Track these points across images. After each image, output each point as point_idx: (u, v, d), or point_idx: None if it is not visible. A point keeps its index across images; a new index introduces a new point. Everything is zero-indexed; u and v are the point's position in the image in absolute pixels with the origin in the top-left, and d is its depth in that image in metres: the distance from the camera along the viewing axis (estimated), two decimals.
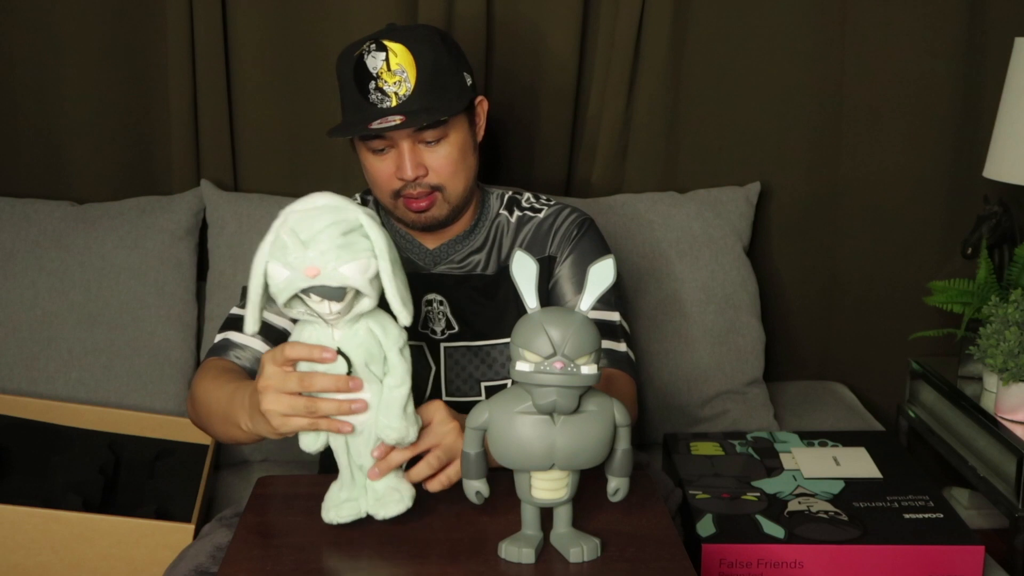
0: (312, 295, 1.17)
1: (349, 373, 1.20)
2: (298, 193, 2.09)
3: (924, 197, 2.30)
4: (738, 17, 2.17)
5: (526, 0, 2.11)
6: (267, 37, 2.10)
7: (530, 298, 1.17)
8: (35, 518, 1.61)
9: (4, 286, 1.98)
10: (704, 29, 2.17)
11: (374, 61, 1.51)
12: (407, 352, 1.23)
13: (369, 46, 1.51)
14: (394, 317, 1.23)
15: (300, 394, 1.22)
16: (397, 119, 1.48)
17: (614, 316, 1.62)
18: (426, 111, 1.50)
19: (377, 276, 1.19)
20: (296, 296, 1.19)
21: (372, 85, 1.50)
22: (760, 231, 2.27)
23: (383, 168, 1.55)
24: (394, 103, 1.50)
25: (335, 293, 1.17)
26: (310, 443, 1.25)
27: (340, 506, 1.25)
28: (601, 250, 1.65)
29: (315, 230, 1.17)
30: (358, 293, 1.18)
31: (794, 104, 2.23)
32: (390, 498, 1.24)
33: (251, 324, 1.22)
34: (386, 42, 1.51)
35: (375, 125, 1.47)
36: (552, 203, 1.70)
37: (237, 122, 2.14)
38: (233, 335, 1.57)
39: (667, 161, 2.23)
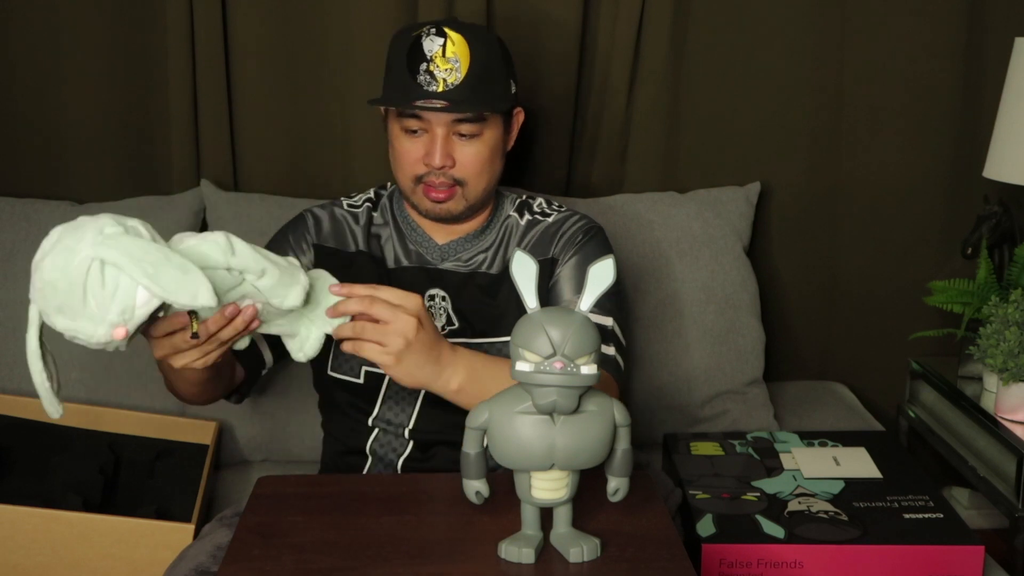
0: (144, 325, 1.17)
1: (194, 331, 1.22)
2: (298, 193, 2.13)
3: (924, 197, 2.30)
4: (738, 17, 2.18)
5: (526, 0, 2.11)
6: (267, 37, 2.10)
7: (530, 298, 1.17)
8: (35, 518, 1.61)
9: (4, 286, 1.98)
10: (704, 29, 2.17)
11: (431, 44, 1.53)
12: (238, 246, 1.21)
13: (429, 29, 1.55)
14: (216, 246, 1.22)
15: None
16: (441, 103, 1.51)
17: (607, 321, 1.63)
18: (470, 103, 1.52)
19: None
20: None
21: (423, 67, 1.53)
22: (760, 231, 2.27)
23: (412, 150, 1.57)
24: (440, 88, 1.52)
25: (154, 317, 1.17)
26: (239, 344, 1.31)
27: (303, 346, 1.33)
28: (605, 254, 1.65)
29: (79, 305, 1.12)
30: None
31: (794, 104, 2.23)
32: (320, 313, 1.32)
33: (53, 410, 1.21)
34: (447, 29, 1.54)
35: (419, 103, 1.51)
36: (563, 209, 1.71)
37: (237, 122, 2.14)
38: None
39: (667, 161, 2.23)
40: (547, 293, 1.65)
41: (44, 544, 1.61)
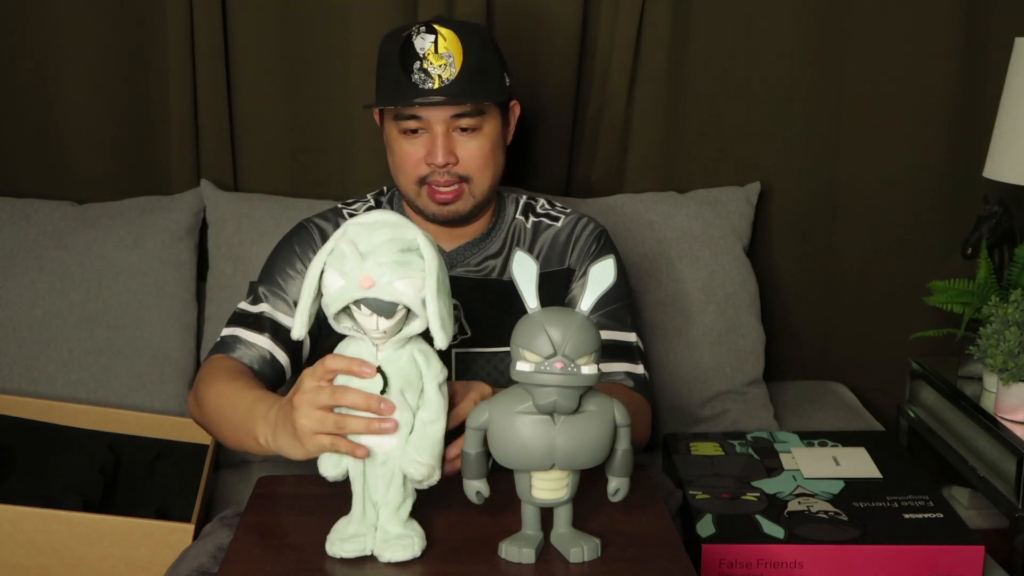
0: (363, 307, 1.15)
1: (384, 391, 1.17)
2: (298, 193, 2.13)
3: (924, 197, 2.30)
4: (738, 17, 2.18)
5: (526, 0, 2.11)
6: (267, 37, 2.10)
7: (530, 298, 1.17)
8: (35, 518, 1.61)
9: (4, 286, 1.98)
10: (704, 29, 2.17)
11: (423, 42, 1.53)
12: (445, 389, 1.20)
13: (419, 28, 1.54)
14: (438, 354, 1.20)
15: (332, 411, 1.19)
16: (439, 98, 1.50)
17: (631, 337, 1.63)
18: (468, 95, 1.52)
19: None
20: (345, 310, 1.18)
21: (417, 65, 1.52)
22: (760, 231, 2.27)
23: (412, 152, 1.55)
24: (436, 85, 1.51)
25: (386, 308, 1.15)
26: (329, 468, 1.21)
27: (346, 541, 1.21)
28: (619, 263, 1.65)
29: (374, 243, 1.16)
30: (409, 314, 1.17)
31: (794, 104, 2.23)
32: (400, 543, 1.20)
33: (298, 328, 1.20)
34: (437, 26, 1.54)
35: (418, 101, 1.50)
36: (568, 211, 1.71)
37: (237, 122, 2.14)
38: (241, 332, 1.56)
39: (667, 161, 2.23)
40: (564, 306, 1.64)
41: (44, 544, 1.61)
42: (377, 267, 1.14)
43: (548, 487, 1.18)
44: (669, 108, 2.19)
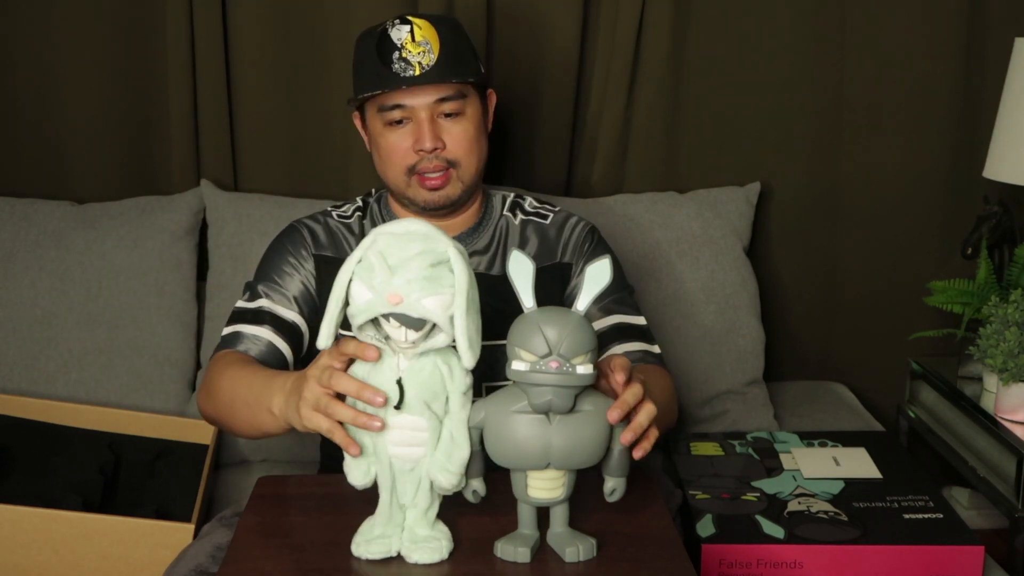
0: (391, 319, 1.14)
1: (399, 407, 1.17)
2: (298, 193, 2.13)
3: (924, 197, 2.30)
4: (738, 17, 2.18)
5: (526, 0, 2.11)
6: (267, 37, 2.10)
7: (527, 297, 1.17)
8: (35, 518, 1.61)
9: (4, 286, 1.98)
10: (704, 29, 2.17)
11: (398, 33, 1.54)
12: (470, 396, 1.20)
13: (392, 21, 1.56)
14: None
15: (334, 395, 1.20)
16: (424, 81, 1.52)
17: (641, 320, 1.63)
18: (452, 75, 1.54)
19: None
20: (371, 320, 1.17)
21: (396, 55, 1.53)
22: (760, 231, 2.27)
23: (399, 142, 1.57)
24: (417, 72, 1.53)
25: (414, 323, 1.14)
26: (359, 477, 1.20)
27: (371, 542, 1.20)
28: (614, 259, 1.66)
29: (404, 257, 1.14)
30: (436, 326, 1.15)
31: (794, 104, 2.23)
32: (428, 545, 1.20)
33: (325, 338, 1.18)
34: (410, 18, 1.56)
35: (404, 86, 1.51)
36: (556, 209, 1.71)
37: (237, 122, 2.14)
38: (242, 327, 1.57)
39: (667, 161, 2.23)
40: (562, 302, 1.65)
41: (44, 544, 1.61)
42: (406, 283, 1.13)
43: (544, 487, 1.18)
44: (669, 108, 2.19)
